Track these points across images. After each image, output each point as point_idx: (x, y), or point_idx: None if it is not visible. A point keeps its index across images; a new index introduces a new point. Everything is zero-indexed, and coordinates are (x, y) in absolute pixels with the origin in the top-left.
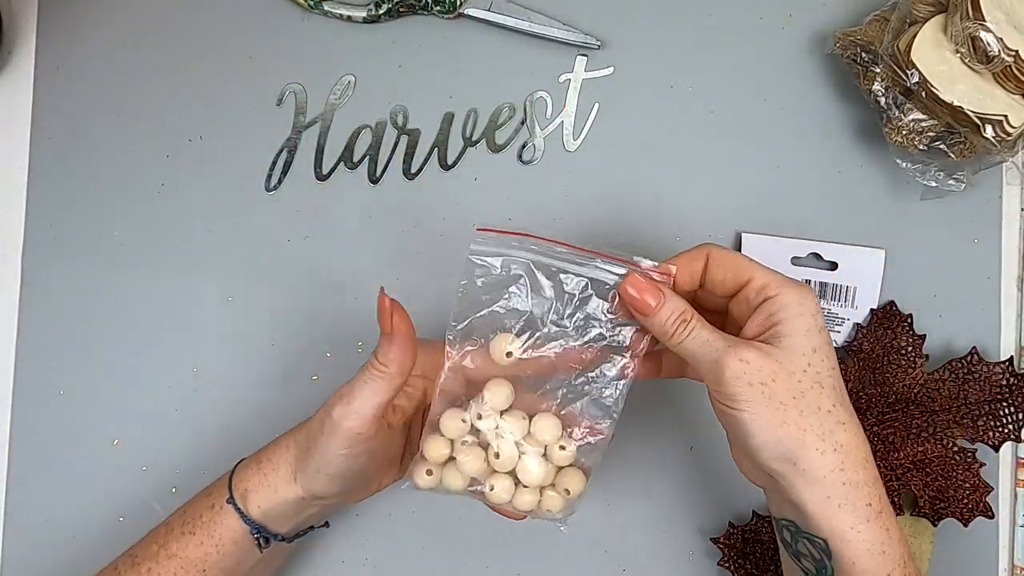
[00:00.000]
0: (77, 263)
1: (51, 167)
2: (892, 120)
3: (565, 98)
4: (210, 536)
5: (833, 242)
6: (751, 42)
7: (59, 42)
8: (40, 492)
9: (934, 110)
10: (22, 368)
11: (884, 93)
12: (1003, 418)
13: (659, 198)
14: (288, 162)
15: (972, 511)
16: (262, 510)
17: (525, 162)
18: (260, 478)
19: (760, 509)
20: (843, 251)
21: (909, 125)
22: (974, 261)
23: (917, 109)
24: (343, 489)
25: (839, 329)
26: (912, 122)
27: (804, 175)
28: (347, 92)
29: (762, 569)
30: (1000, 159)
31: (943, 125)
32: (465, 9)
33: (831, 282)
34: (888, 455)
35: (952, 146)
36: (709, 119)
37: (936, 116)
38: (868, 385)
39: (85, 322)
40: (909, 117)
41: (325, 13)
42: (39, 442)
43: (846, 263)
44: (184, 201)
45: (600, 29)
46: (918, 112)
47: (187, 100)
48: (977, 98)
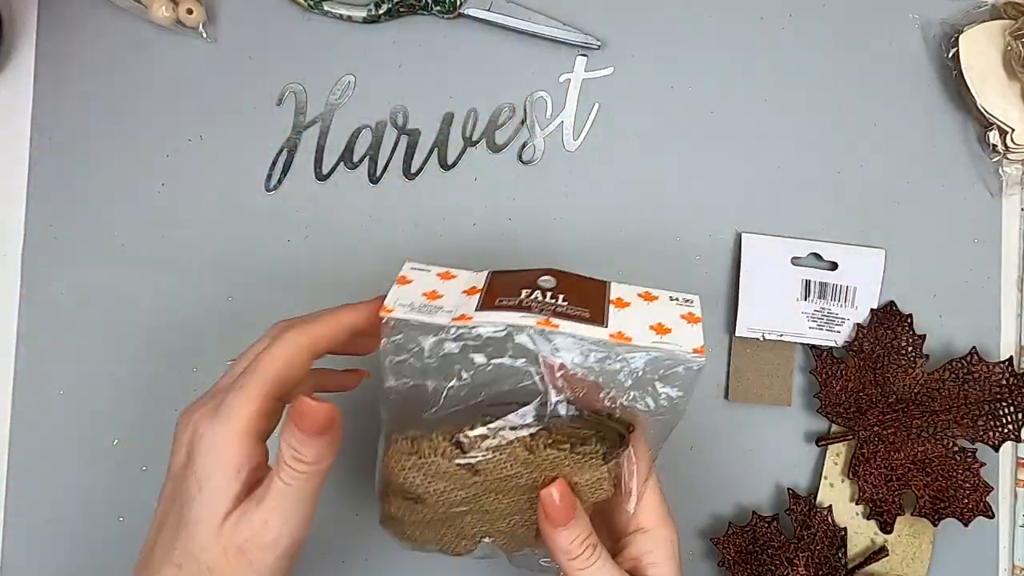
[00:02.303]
0: (77, 263)
1: (51, 167)
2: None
3: (565, 98)
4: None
5: (833, 242)
6: (751, 42)
7: (59, 42)
8: (40, 492)
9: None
10: (22, 368)
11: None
12: (1003, 418)
13: (659, 198)
14: (288, 162)
15: (972, 511)
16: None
17: (525, 162)
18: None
19: (760, 510)
20: (843, 251)
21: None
22: (974, 261)
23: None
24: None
25: (839, 329)
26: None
27: (804, 175)
28: (347, 92)
29: (762, 570)
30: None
31: None
32: (465, 9)
33: (831, 282)
34: (888, 455)
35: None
36: (709, 119)
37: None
38: (868, 385)
39: (85, 322)
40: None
41: (325, 13)
42: (39, 442)
43: (846, 263)
44: (184, 201)
45: (600, 29)
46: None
47: (187, 100)
48: (997, 102)
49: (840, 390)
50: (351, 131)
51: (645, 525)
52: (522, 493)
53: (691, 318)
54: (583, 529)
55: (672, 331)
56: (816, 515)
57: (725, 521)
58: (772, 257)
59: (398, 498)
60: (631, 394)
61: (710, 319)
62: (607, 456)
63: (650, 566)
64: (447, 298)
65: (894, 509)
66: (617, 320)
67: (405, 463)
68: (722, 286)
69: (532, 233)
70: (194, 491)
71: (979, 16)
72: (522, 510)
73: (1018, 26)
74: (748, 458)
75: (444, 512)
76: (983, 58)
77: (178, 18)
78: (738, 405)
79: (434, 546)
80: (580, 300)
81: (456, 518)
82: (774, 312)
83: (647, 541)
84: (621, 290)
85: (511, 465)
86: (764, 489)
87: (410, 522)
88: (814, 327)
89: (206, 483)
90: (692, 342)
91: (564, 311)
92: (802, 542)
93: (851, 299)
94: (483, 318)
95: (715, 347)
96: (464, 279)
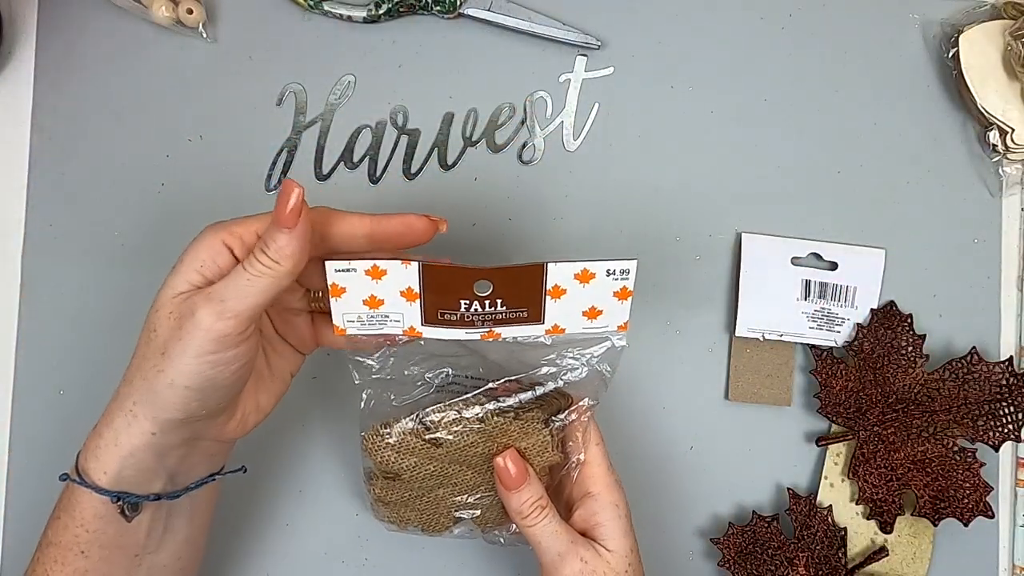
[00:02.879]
0: (77, 263)
1: (51, 167)
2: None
3: (565, 98)
4: (72, 517)
5: (833, 242)
6: (751, 42)
7: (59, 42)
8: (40, 492)
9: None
10: (22, 368)
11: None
12: (1003, 418)
13: (659, 198)
14: (288, 162)
15: (972, 511)
16: (110, 475)
17: (525, 162)
18: (96, 440)
19: (760, 509)
20: (843, 251)
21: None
22: (974, 261)
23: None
24: (203, 406)
25: (839, 329)
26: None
27: (804, 175)
28: (347, 92)
29: (762, 570)
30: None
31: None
32: (465, 9)
33: (831, 282)
34: (888, 455)
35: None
36: (709, 119)
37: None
38: (868, 385)
39: (85, 322)
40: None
41: (325, 13)
42: (39, 442)
43: (846, 263)
44: (184, 201)
45: (600, 29)
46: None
47: (187, 100)
48: (997, 102)
49: (840, 390)
50: (351, 131)
51: (592, 491)
52: (482, 463)
53: (623, 294)
54: (533, 492)
55: (603, 313)
56: (816, 515)
57: (725, 521)
58: (772, 257)
59: (380, 479)
60: (566, 370)
61: (710, 319)
62: (548, 421)
63: (597, 526)
64: (388, 303)
65: (894, 509)
66: (553, 313)
67: (380, 443)
68: (722, 286)
69: (532, 233)
70: (171, 271)
71: (979, 16)
72: (487, 482)
73: (1018, 26)
74: (748, 458)
75: (420, 487)
76: (983, 58)
77: (178, 18)
78: (738, 405)
79: (416, 525)
80: (517, 300)
81: (431, 492)
82: (774, 312)
83: (593, 504)
84: (559, 274)
85: (468, 435)
86: (764, 489)
87: (393, 502)
88: (814, 327)
89: (178, 263)
90: (618, 320)
91: (503, 317)
92: (802, 542)
93: (851, 299)
94: (431, 334)
95: (715, 347)
96: (394, 275)
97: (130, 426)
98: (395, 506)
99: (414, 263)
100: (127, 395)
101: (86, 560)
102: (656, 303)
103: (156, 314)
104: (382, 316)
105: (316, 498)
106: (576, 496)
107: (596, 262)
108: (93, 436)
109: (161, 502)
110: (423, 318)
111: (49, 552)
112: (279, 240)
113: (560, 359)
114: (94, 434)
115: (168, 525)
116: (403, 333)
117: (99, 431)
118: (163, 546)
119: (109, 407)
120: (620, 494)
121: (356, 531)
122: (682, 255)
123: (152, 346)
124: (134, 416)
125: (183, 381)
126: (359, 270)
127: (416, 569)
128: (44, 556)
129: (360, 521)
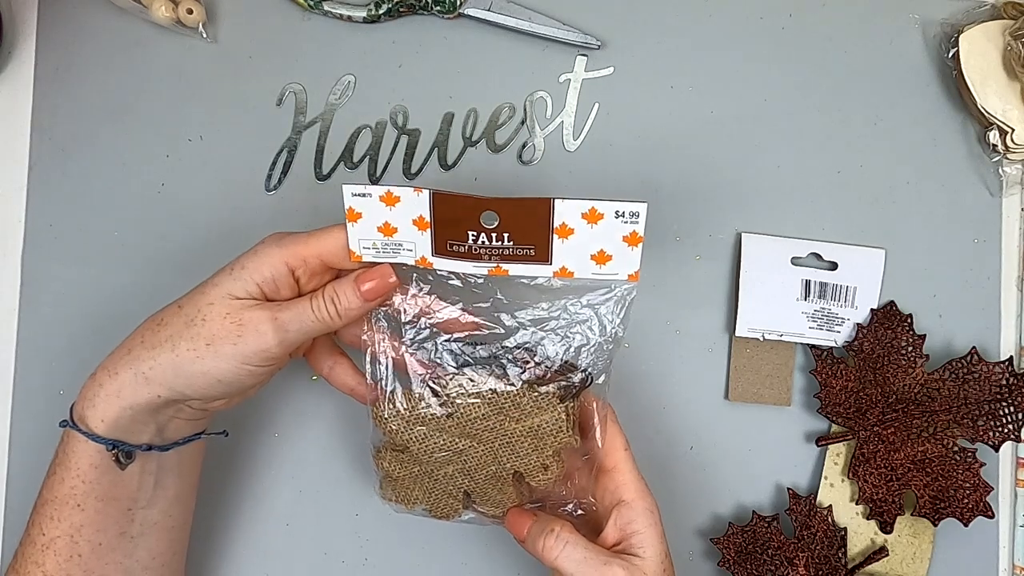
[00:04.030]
0: (77, 263)
1: (51, 167)
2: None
3: (565, 98)
4: (67, 469)
5: (833, 242)
6: (751, 42)
7: (59, 42)
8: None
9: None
10: (22, 368)
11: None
12: (1003, 418)
13: (659, 198)
14: (288, 162)
15: (972, 511)
16: (107, 423)
17: (525, 162)
18: (95, 389)
19: (760, 509)
20: (843, 251)
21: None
22: (974, 261)
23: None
24: (220, 395)
25: (839, 329)
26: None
27: (804, 175)
28: (347, 92)
29: (762, 570)
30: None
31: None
32: (465, 9)
33: (831, 282)
34: (888, 455)
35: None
36: (709, 119)
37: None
38: (868, 385)
39: (85, 322)
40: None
41: (325, 13)
42: (39, 442)
43: (846, 263)
44: (184, 201)
45: (600, 29)
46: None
47: (187, 100)
48: (997, 102)
49: (840, 390)
50: (351, 131)
51: (626, 498)
52: (493, 438)
53: (633, 239)
54: (540, 531)
55: (612, 259)
56: (816, 515)
57: (725, 521)
58: (772, 257)
59: (388, 452)
60: (576, 328)
61: (710, 319)
62: (563, 398)
63: (634, 534)
64: (401, 231)
65: (894, 509)
66: (560, 253)
67: (390, 412)
68: (722, 286)
69: None
70: (226, 271)
71: (979, 16)
72: (498, 460)
73: (1018, 26)
74: (748, 458)
75: (429, 461)
76: (983, 58)
77: (178, 18)
78: (738, 405)
79: (424, 506)
80: (524, 236)
81: (440, 469)
82: (774, 312)
83: (629, 512)
84: (566, 212)
85: (479, 407)
86: (764, 489)
87: (401, 477)
88: (814, 327)
89: (238, 269)
90: (629, 269)
91: (510, 253)
92: (802, 542)
93: (851, 299)
94: (441, 265)
95: (715, 347)
96: (408, 202)
97: (138, 385)
98: (403, 483)
99: (425, 191)
100: (144, 358)
101: (82, 513)
102: (656, 303)
103: (208, 306)
104: (395, 244)
105: (316, 498)
106: (608, 505)
107: (605, 201)
108: (91, 384)
109: (152, 453)
110: (433, 248)
111: (45, 510)
112: (352, 302)
113: (571, 306)
114: (92, 383)
115: (159, 480)
116: (415, 263)
117: (99, 380)
118: (154, 501)
119: (114, 359)
120: (652, 499)
121: (356, 531)
122: (682, 255)
123: (193, 330)
124: (146, 379)
125: (218, 375)
126: (374, 195)
127: (416, 569)
128: (39, 516)
129: (360, 521)
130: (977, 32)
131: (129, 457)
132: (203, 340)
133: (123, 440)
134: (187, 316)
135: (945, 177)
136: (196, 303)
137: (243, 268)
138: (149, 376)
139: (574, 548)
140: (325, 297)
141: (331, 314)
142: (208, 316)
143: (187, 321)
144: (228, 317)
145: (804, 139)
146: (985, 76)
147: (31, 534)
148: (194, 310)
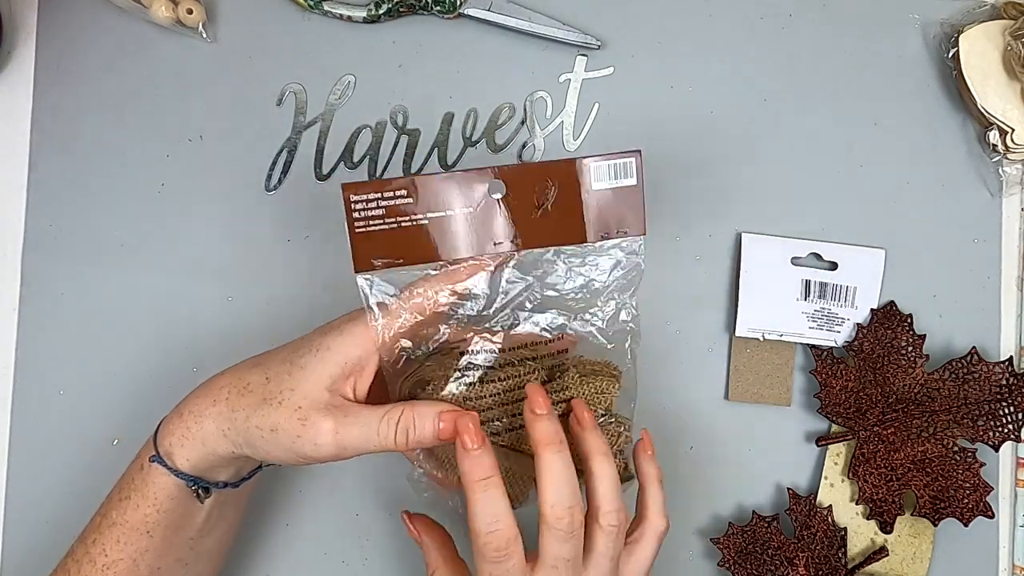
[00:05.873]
0: (77, 263)
1: (51, 167)
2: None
3: (565, 98)
4: (144, 497)
5: (833, 242)
6: (751, 42)
7: (59, 42)
8: (40, 492)
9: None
10: (22, 368)
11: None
12: (1003, 418)
13: (659, 198)
14: (288, 162)
15: (972, 511)
16: (191, 463)
17: (525, 162)
18: (183, 431)
19: (760, 510)
20: (843, 251)
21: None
22: (974, 261)
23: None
24: (286, 463)
25: (839, 329)
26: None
27: (804, 175)
28: (347, 92)
29: (762, 570)
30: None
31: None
32: (465, 9)
33: (831, 282)
34: (888, 455)
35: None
36: (709, 119)
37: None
38: (868, 385)
39: (85, 322)
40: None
41: (325, 13)
42: (39, 442)
43: (846, 263)
44: (184, 201)
45: (600, 29)
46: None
47: (187, 100)
48: (997, 102)
49: (840, 390)
50: (351, 131)
51: (645, 513)
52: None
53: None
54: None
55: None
56: (816, 515)
57: (725, 521)
58: (772, 257)
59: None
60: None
61: (710, 319)
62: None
63: (632, 543)
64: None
65: (894, 509)
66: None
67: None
68: (722, 286)
69: None
70: (311, 350)
71: (979, 16)
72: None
73: (1018, 26)
74: (748, 458)
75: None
76: (983, 58)
77: (178, 18)
78: (738, 405)
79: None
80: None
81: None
82: (774, 312)
83: (641, 524)
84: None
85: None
86: (764, 489)
87: (437, 457)
88: (814, 327)
89: (323, 350)
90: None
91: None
92: (802, 542)
93: (851, 299)
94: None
95: (715, 347)
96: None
97: (220, 438)
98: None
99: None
100: (225, 417)
101: (149, 540)
102: (656, 303)
103: (288, 391)
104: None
105: (316, 498)
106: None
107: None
108: (177, 423)
109: (225, 490)
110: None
111: (112, 532)
112: (426, 438)
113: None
114: (179, 422)
115: (222, 512)
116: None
117: (186, 423)
118: (213, 531)
119: (201, 405)
120: (665, 523)
121: (356, 531)
122: (682, 255)
123: (266, 410)
124: (225, 437)
125: (278, 457)
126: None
127: (416, 569)
128: (105, 536)
129: (360, 521)
130: (977, 32)
131: (207, 492)
132: (269, 426)
133: (204, 478)
134: (267, 393)
135: (945, 177)
136: (280, 383)
137: (328, 349)
138: (228, 435)
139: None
140: (399, 426)
141: (399, 444)
142: (283, 402)
143: (265, 398)
144: (297, 413)
145: (804, 139)
146: (985, 76)
147: (91, 553)
148: (275, 390)
